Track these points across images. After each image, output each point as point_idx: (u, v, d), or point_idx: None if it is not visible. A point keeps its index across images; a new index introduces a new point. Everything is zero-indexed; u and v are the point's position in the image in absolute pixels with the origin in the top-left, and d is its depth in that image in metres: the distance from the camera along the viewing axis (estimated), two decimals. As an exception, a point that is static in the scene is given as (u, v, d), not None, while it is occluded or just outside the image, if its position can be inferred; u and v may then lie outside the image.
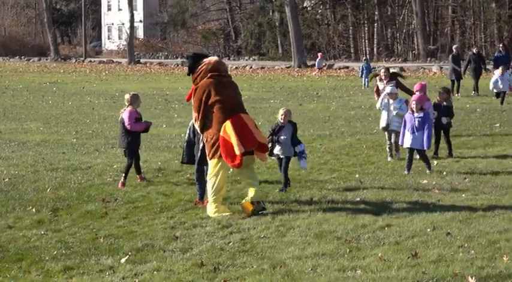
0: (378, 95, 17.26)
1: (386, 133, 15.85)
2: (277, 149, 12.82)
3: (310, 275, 8.23)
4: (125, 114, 13.42)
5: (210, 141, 11.29)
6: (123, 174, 13.39)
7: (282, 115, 12.79)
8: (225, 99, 11.35)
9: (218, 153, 11.16)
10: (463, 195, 12.11)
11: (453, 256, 8.73)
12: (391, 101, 15.48)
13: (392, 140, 15.49)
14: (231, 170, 11.92)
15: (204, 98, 11.37)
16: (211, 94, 11.35)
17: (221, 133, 11.15)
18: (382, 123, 15.78)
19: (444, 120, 15.85)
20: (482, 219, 10.42)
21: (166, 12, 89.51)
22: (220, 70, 11.63)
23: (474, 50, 33.97)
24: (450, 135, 16.27)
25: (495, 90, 27.20)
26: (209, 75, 11.50)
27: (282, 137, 12.75)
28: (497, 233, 9.68)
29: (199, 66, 11.60)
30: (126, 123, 13.31)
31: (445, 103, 16.07)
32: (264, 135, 12.02)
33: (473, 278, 7.87)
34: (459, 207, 11.17)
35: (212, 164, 11.32)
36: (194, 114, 11.58)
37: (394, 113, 15.35)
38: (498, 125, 21.10)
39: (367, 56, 38.97)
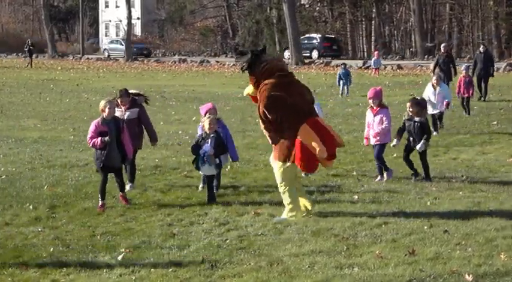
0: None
1: None
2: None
3: (307, 272, 8.23)
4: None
5: (283, 144, 10.47)
6: (100, 196, 11.63)
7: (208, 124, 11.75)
8: (300, 101, 10.49)
9: (291, 157, 10.39)
10: (460, 192, 12.12)
11: (450, 254, 8.74)
12: None
13: None
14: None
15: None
16: (285, 95, 10.41)
17: (298, 136, 10.33)
18: None
19: (421, 147, 12.91)
20: (480, 217, 10.41)
21: (164, 9, 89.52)
22: (284, 70, 10.79)
23: (481, 49, 29.87)
24: (427, 156, 13.40)
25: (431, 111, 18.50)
26: (277, 74, 10.50)
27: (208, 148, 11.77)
28: (494, 231, 9.68)
29: (263, 65, 10.53)
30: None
31: (417, 118, 13.03)
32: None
33: (471, 275, 7.88)
34: (456, 205, 11.18)
35: (281, 168, 10.55)
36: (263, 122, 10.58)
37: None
38: (496, 122, 21.13)
39: (344, 62, 36.82)
